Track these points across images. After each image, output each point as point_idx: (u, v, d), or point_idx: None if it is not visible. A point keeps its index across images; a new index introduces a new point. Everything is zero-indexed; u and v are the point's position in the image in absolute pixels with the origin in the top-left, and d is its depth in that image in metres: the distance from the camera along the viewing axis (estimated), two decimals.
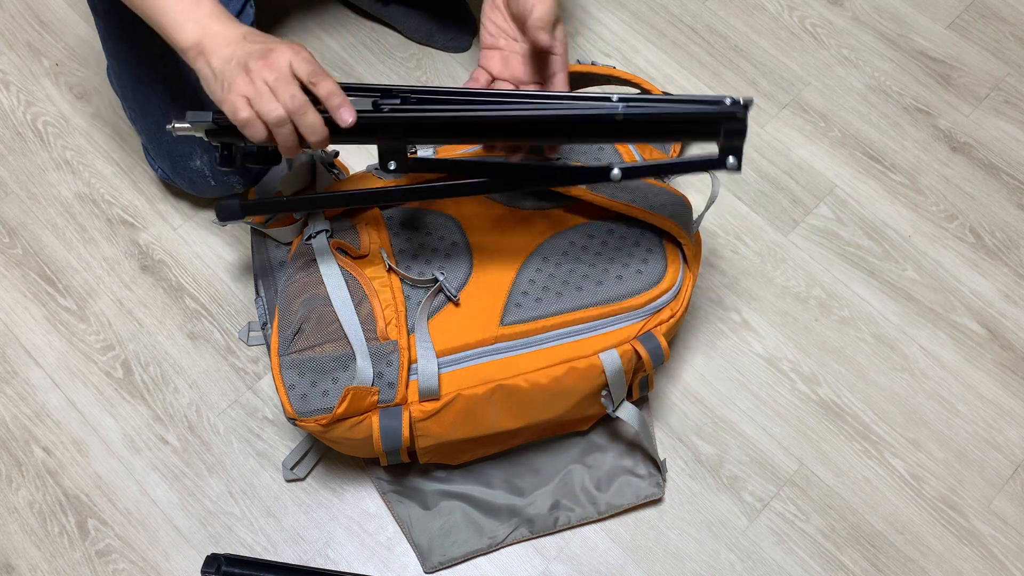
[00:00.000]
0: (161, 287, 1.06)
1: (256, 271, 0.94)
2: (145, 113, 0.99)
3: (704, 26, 1.28)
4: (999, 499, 0.99)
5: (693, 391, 1.03)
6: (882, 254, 1.12)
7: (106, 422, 0.99)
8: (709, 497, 0.97)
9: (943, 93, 1.24)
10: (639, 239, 0.89)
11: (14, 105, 1.17)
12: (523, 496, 0.95)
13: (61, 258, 1.08)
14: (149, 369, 1.02)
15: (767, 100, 1.22)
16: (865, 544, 0.96)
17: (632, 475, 0.96)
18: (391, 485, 0.95)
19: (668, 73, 1.23)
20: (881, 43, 1.27)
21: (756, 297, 1.09)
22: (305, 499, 0.96)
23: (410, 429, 0.83)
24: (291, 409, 0.81)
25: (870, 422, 1.02)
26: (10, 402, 1.00)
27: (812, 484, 0.99)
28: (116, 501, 0.95)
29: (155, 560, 0.93)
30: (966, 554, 0.96)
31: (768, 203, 1.15)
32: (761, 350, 1.05)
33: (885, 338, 1.07)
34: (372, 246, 0.87)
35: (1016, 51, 1.27)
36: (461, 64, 1.23)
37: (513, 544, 0.94)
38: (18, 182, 1.12)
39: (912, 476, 0.99)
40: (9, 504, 0.95)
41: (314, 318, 0.83)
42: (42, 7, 1.24)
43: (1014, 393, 1.04)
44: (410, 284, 0.86)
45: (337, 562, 0.94)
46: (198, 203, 1.11)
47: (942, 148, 1.20)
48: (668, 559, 0.94)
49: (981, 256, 1.12)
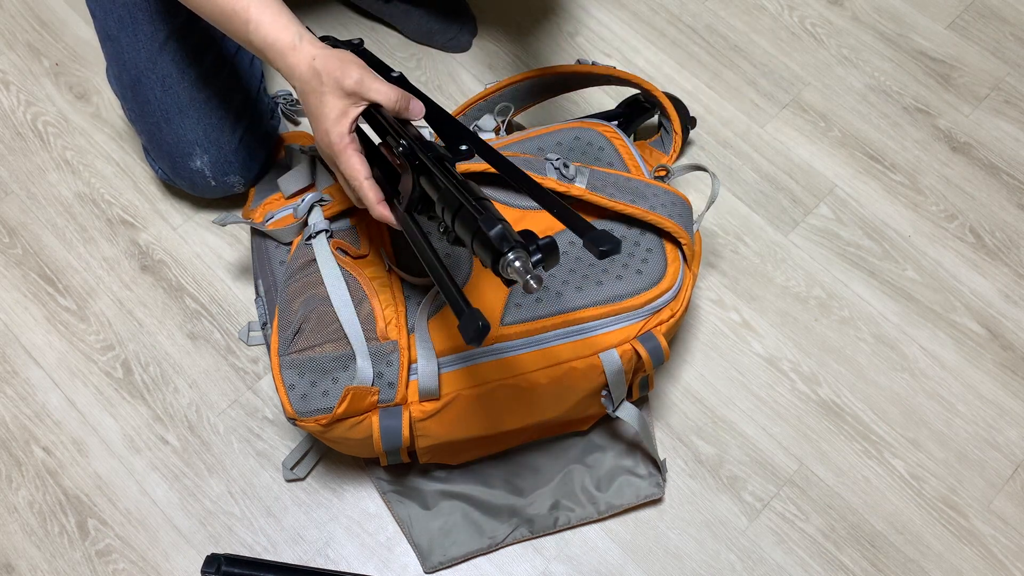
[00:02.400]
0: (161, 287, 1.06)
1: (256, 271, 0.94)
2: (145, 113, 0.99)
3: (704, 26, 1.28)
4: (999, 499, 0.99)
5: (693, 391, 1.03)
6: (882, 254, 1.12)
7: (106, 422, 0.99)
8: (709, 497, 0.97)
9: (943, 93, 1.24)
10: (639, 239, 0.89)
11: (14, 105, 1.17)
12: (523, 496, 0.95)
13: (61, 258, 1.08)
14: (149, 369, 1.02)
15: (767, 100, 1.22)
16: (865, 544, 0.96)
17: (632, 475, 0.96)
18: (391, 485, 0.95)
19: (668, 73, 1.24)
20: (881, 43, 1.27)
21: (756, 297, 1.09)
22: (305, 499, 0.96)
23: (410, 429, 0.83)
24: (291, 409, 0.81)
25: (870, 422, 1.02)
26: (10, 402, 1.00)
27: (812, 484, 0.99)
28: (116, 501, 0.95)
29: (155, 560, 0.93)
30: (966, 554, 0.96)
31: (768, 203, 1.15)
32: (761, 350, 1.05)
33: (885, 338, 1.07)
34: (372, 246, 0.87)
35: (1016, 51, 1.27)
36: (461, 64, 1.23)
37: (513, 544, 0.94)
38: (18, 182, 1.12)
39: (912, 476, 0.99)
40: (9, 504, 0.95)
41: (314, 318, 0.83)
42: (42, 7, 1.24)
43: (1014, 393, 1.04)
44: (410, 284, 0.86)
45: (337, 562, 0.94)
46: (198, 203, 1.11)
47: (942, 148, 1.20)
48: (668, 559, 0.94)
49: (981, 256, 1.12)
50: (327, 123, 0.73)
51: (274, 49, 0.75)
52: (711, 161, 1.17)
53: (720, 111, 1.21)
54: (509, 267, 0.59)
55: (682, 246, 0.89)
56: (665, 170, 0.98)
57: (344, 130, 0.73)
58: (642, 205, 0.88)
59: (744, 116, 1.21)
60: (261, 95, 1.05)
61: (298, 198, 0.93)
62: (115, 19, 0.97)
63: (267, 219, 0.93)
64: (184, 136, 0.99)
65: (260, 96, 1.05)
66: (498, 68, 1.23)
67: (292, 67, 0.74)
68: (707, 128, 1.20)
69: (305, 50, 0.74)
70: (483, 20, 1.26)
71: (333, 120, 0.73)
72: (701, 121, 1.20)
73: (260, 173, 1.04)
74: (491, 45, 1.25)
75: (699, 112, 1.20)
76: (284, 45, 0.74)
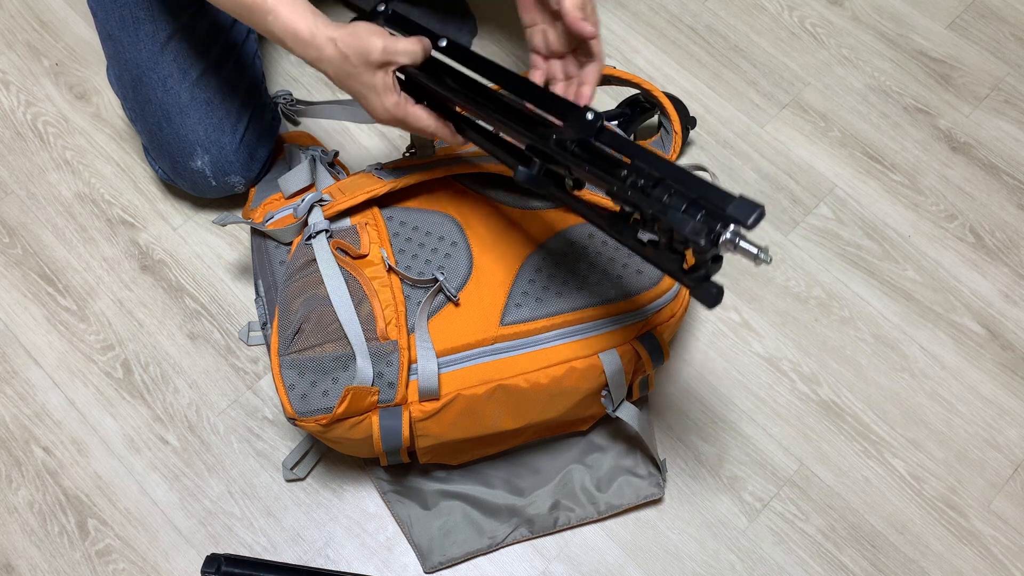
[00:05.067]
0: (161, 287, 1.06)
1: (256, 271, 0.94)
2: (146, 113, 0.99)
3: (704, 26, 1.28)
4: (999, 499, 0.99)
5: (693, 391, 1.03)
6: (882, 254, 1.12)
7: (106, 422, 0.99)
8: (709, 497, 0.97)
9: (943, 93, 1.24)
10: None
11: (14, 105, 1.17)
12: (523, 496, 0.95)
13: (61, 258, 1.08)
14: (149, 369, 1.02)
15: (767, 100, 1.22)
16: (865, 544, 0.96)
17: (632, 475, 0.96)
18: (391, 485, 0.95)
19: (668, 73, 1.24)
20: (881, 43, 1.27)
21: (756, 297, 1.09)
22: (305, 499, 0.96)
23: (410, 429, 0.83)
24: (291, 409, 0.81)
25: (870, 422, 1.02)
26: (10, 402, 1.00)
27: (812, 484, 0.99)
28: (116, 501, 0.96)
29: (155, 560, 0.93)
30: (966, 554, 0.96)
31: (768, 203, 1.15)
32: (761, 350, 1.05)
33: (885, 338, 1.07)
34: (372, 246, 0.87)
35: (1016, 51, 1.27)
36: None
37: (513, 544, 0.94)
38: (18, 182, 1.12)
39: (912, 476, 0.99)
40: (9, 504, 0.95)
41: (314, 318, 0.83)
42: (42, 7, 1.24)
43: (1014, 393, 1.04)
44: (410, 284, 0.86)
45: (337, 562, 0.94)
46: (198, 203, 1.11)
47: (942, 148, 1.20)
48: (668, 559, 0.94)
49: (981, 256, 1.12)
50: (376, 99, 0.78)
51: (295, 39, 0.77)
52: (711, 161, 1.18)
53: (720, 111, 1.21)
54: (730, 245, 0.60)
55: None
56: None
57: (394, 99, 0.78)
58: None
59: (744, 116, 1.21)
60: (262, 95, 1.05)
61: (298, 198, 0.93)
62: (116, 19, 0.97)
63: (267, 219, 0.93)
64: (185, 136, 0.99)
65: (261, 96, 1.05)
66: None
67: (317, 56, 0.77)
68: (707, 128, 1.20)
69: (323, 35, 0.76)
70: (483, 20, 1.26)
71: (379, 93, 0.77)
72: (701, 121, 1.20)
73: (261, 173, 1.04)
74: (491, 45, 1.25)
75: (699, 112, 1.20)
76: (304, 35, 0.76)
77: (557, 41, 0.86)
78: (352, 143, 1.17)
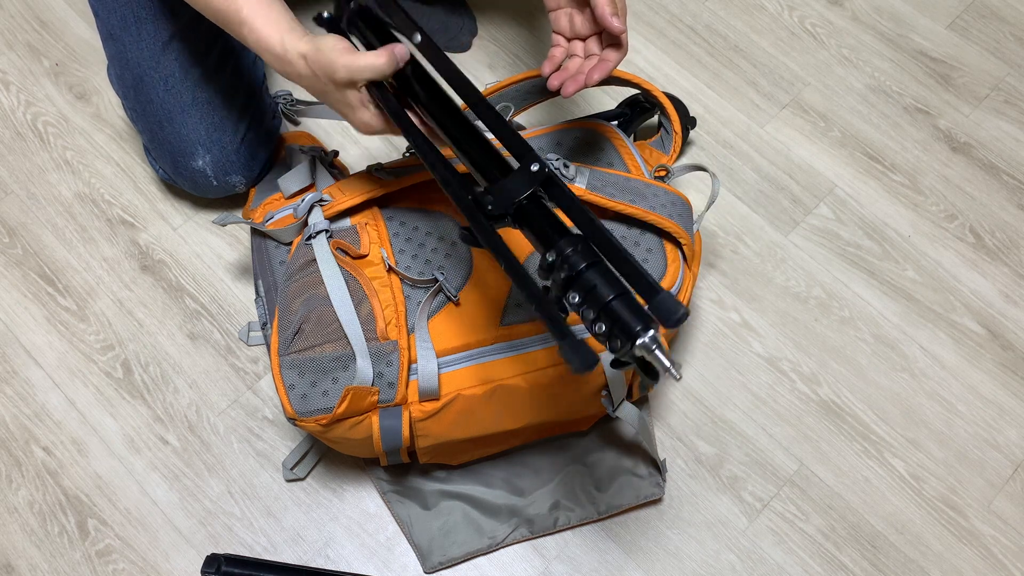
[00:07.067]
0: (161, 287, 1.06)
1: (256, 271, 0.94)
2: (147, 113, 0.99)
3: (704, 26, 1.28)
4: (999, 499, 0.99)
5: (693, 391, 1.03)
6: (882, 254, 1.12)
7: (106, 422, 0.99)
8: (709, 497, 0.97)
9: (943, 93, 1.24)
10: (639, 239, 0.89)
11: (14, 105, 1.17)
12: (523, 496, 0.95)
13: (61, 258, 1.08)
14: (149, 369, 1.02)
15: (767, 100, 1.22)
16: (865, 544, 0.96)
17: (632, 475, 0.96)
18: (391, 485, 0.95)
19: (668, 73, 1.24)
20: (881, 43, 1.27)
21: (756, 297, 1.09)
22: (305, 499, 0.96)
23: (410, 429, 0.83)
24: (291, 409, 0.81)
25: (870, 422, 1.02)
26: (10, 402, 1.00)
27: (812, 484, 0.99)
28: (116, 501, 0.96)
29: (155, 560, 0.93)
30: (966, 554, 0.96)
31: (768, 203, 1.15)
32: (761, 350, 1.05)
33: (885, 338, 1.07)
34: (372, 246, 0.87)
35: (1016, 51, 1.27)
36: (461, 64, 1.23)
37: (513, 544, 0.94)
38: (18, 182, 1.12)
39: (912, 476, 0.99)
40: (9, 504, 0.95)
41: (314, 318, 0.83)
42: (42, 7, 1.24)
43: (1014, 393, 1.04)
44: (410, 284, 0.86)
45: (337, 562, 0.94)
46: (198, 203, 1.11)
47: (942, 148, 1.20)
48: (668, 559, 0.94)
49: (981, 256, 1.12)
50: (352, 114, 0.77)
51: (269, 54, 0.76)
52: (711, 161, 1.18)
53: (720, 111, 1.21)
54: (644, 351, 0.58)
55: (682, 246, 0.89)
56: (665, 170, 0.98)
57: (368, 114, 0.76)
58: (642, 205, 0.88)
59: (744, 116, 1.21)
60: (263, 94, 1.05)
61: (298, 198, 0.93)
62: (118, 19, 0.97)
63: (267, 219, 0.93)
64: (186, 136, 0.99)
65: (262, 95, 1.05)
66: (498, 68, 1.23)
67: (292, 71, 0.76)
68: (707, 128, 1.20)
69: (294, 52, 0.74)
70: (483, 20, 1.26)
71: (354, 109, 0.76)
72: (701, 121, 1.20)
73: (261, 173, 1.04)
74: (491, 45, 1.25)
75: (699, 112, 1.20)
76: (276, 50, 0.75)
77: (583, 25, 0.84)
78: (352, 143, 1.17)
